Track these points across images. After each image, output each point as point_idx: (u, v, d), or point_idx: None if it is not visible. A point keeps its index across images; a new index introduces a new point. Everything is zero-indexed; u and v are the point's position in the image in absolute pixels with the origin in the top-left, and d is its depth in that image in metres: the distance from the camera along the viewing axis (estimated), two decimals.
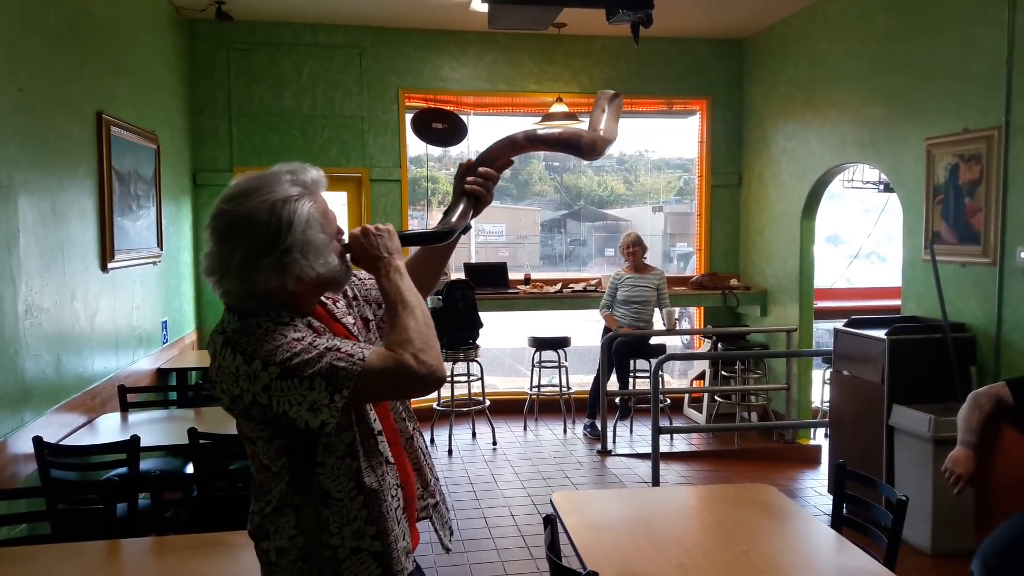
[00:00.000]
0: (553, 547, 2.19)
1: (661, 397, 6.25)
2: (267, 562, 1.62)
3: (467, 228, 1.84)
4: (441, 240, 1.80)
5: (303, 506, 1.58)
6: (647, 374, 6.49)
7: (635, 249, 6.55)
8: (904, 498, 2.46)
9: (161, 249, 5.38)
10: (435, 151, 7.64)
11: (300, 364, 1.46)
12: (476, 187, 1.81)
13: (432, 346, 1.53)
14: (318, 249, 1.55)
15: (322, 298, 1.70)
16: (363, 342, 1.69)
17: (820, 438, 6.30)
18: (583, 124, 6.65)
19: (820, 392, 6.82)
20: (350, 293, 1.82)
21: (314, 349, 1.48)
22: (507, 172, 1.91)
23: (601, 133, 1.87)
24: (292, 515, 1.58)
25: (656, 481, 5.09)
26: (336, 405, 1.46)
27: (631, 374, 6.72)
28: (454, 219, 1.79)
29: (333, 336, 1.57)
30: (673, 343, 7.83)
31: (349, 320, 1.75)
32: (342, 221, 1.87)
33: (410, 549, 1.68)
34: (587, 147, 1.85)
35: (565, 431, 6.69)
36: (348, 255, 1.66)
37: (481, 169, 1.83)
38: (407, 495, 1.72)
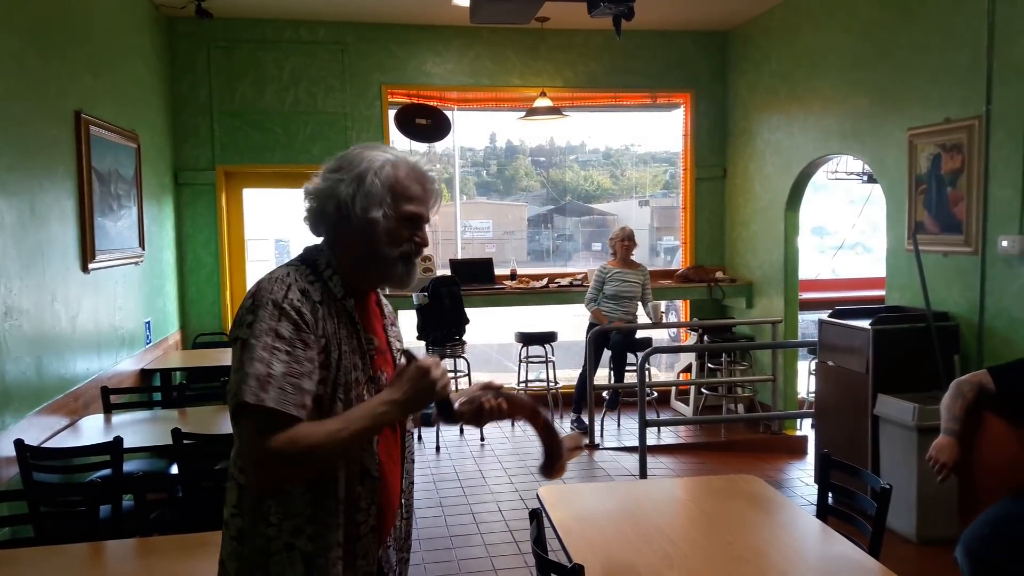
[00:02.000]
0: (539, 541, 2.19)
1: (648, 390, 6.26)
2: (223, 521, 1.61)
3: (429, 421, 1.78)
4: (446, 414, 1.71)
5: (246, 487, 1.54)
6: (634, 368, 6.50)
7: (628, 243, 6.56)
8: (888, 486, 2.47)
9: (143, 249, 5.34)
10: (419, 147, 7.61)
11: (251, 348, 1.46)
12: (491, 403, 1.74)
13: (291, 473, 1.49)
14: (368, 193, 1.59)
15: (383, 315, 1.75)
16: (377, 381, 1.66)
17: (806, 428, 6.33)
18: (567, 119, 6.54)
19: (806, 383, 6.85)
20: (399, 346, 1.81)
21: (270, 351, 1.46)
22: (494, 168, 1.94)
23: (563, 468, 1.93)
24: (235, 492, 1.56)
25: (643, 474, 5.10)
26: (230, 403, 1.46)
27: (625, 368, 6.72)
28: (460, 409, 1.72)
29: (307, 362, 1.50)
30: (659, 336, 7.85)
31: (389, 333, 1.78)
32: None
33: (371, 571, 1.62)
34: (557, 470, 1.91)
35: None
36: (410, 266, 1.67)
37: (502, 398, 1.77)
38: (384, 522, 1.66)
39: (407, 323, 6.35)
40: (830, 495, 2.77)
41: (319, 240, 1.68)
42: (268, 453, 1.43)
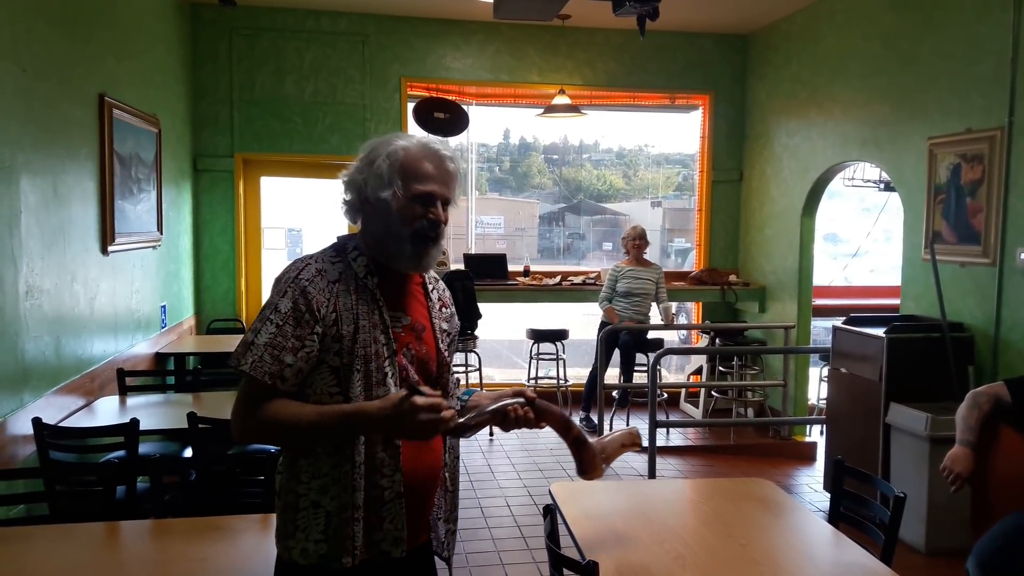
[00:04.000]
0: (552, 536, 2.20)
1: (658, 391, 6.26)
2: None
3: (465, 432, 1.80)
4: (458, 433, 1.75)
5: (284, 449, 1.74)
6: (645, 368, 6.50)
7: (640, 242, 6.56)
8: (902, 495, 2.46)
9: (161, 233, 5.37)
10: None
11: (259, 318, 1.66)
12: (517, 411, 1.76)
13: (249, 439, 1.74)
14: (382, 175, 1.70)
15: (427, 298, 1.86)
16: (441, 341, 1.86)
17: (815, 435, 6.32)
18: (583, 117, 6.54)
19: (816, 389, 6.84)
20: (446, 328, 1.91)
21: (261, 323, 1.64)
22: (507, 164, 2.00)
23: (604, 457, 2.03)
24: (286, 453, 1.75)
25: (652, 474, 5.10)
26: (235, 362, 1.65)
27: (634, 367, 6.72)
28: (481, 416, 1.73)
29: (303, 338, 1.65)
30: (670, 338, 7.84)
31: (435, 311, 1.87)
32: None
33: (400, 536, 1.69)
34: (588, 469, 2.00)
35: None
36: (422, 247, 1.73)
37: (529, 406, 1.79)
38: (419, 491, 1.74)
39: None
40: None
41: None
42: (237, 413, 1.66)
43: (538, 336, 6.84)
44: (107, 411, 3.81)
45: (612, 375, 6.71)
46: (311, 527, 1.67)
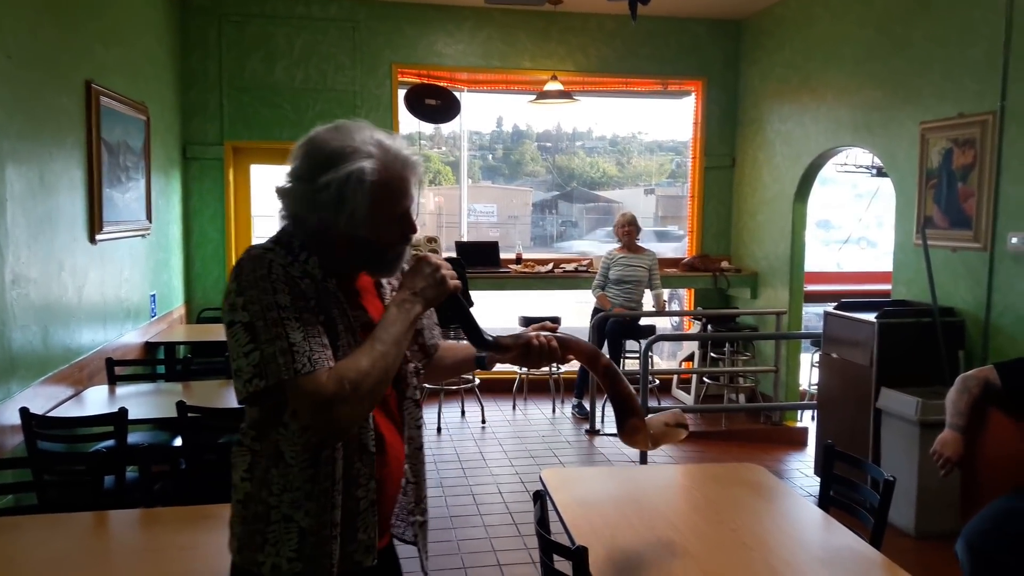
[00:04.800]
0: (542, 522, 2.19)
1: (650, 378, 6.26)
2: (232, 484, 1.63)
3: (483, 362, 1.82)
4: (475, 338, 1.70)
5: (258, 455, 1.56)
6: (637, 355, 6.51)
7: (630, 229, 6.54)
8: (892, 478, 2.47)
9: (150, 222, 5.33)
10: (428, 128, 7.60)
11: (260, 328, 1.44)
12: (540, 339, 1.74)
13: (363, 403, 1.47)
14: (355, 208, 1.50)
15: (379, 290, 1.70)
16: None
17: (807, 420, 6.34)
18: (576, 104, 6.54)
19: (808, 375, 6.85)
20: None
21: (279, 326, 1.44)
22: (500, 152, 1.90)
23: (651, 433, 1.89)
24: (248, 457, 1.58)
25: (644, 460, 5.11)
26: (249, 388, 1.44)
27: (622, 355, 6.73)
28: (501, 339, 1.71)
29: (316, 324, 1.49)
30: (663, 324, 7.85)
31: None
32: None
33: (372, 544, 1.62)
34: (630, 428, 1.88)
35: (554, 410, 6.71)
36: (400, 255, 1.62)
37: (555, 337, 1.76)
38: (386, 494, 1.66)
39: None
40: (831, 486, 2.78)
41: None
42: (329, 404, 1.42)
43: (530, 323, 6.79)
44: (96, 401, 3.80)
45: (631, 388, 6.70)
46: (282, 543, 1.54)
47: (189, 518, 2.41)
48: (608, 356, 6.35)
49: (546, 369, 6.99)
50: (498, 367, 1.92)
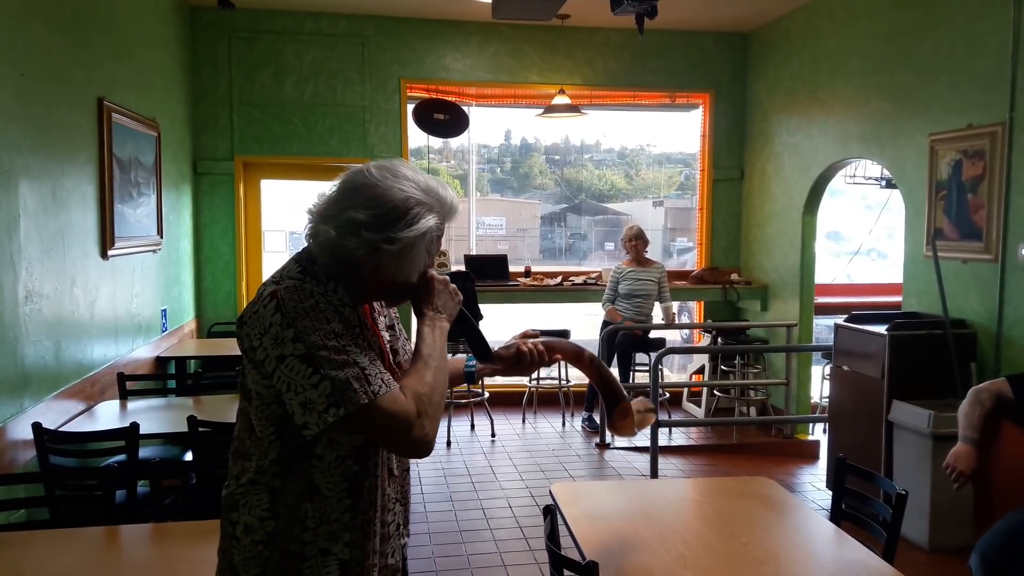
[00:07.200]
0: (552, 537, 2.19)
1: (660, 391, 6.25)
2: (230, 534, 1.56)
3: (473, 377, 1.89)
4: (481, 352, 1.75)
5: (283, 491, 1.52)
6: (647, 368, 6.49)
7: (637, 243, 6.53)
8: (904, 492, 2.45)
9: (161, 237, 5.36)
10: (436, 142, 7.62)
11: (323, 358, 1.42)
12: (530, 346, 1.82)
13: (437, 416, 1.51)
14: (412, 260, 1.53)
15: (373, 315, 1.69)
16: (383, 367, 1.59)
17: (818, 433, 6.30)
18: (583, 117, 6.55)
19: (819, 388, 6.82)
20: (394, 326, 1.76)
21: (344, 353, 1.44)
22: (508, 165, 1.95)
23: (636, 418, 2.03)
24: (266, 496, 1.53)
25: (654, 474, 5.09)
26: (326, 418, 1.42)
27: (632, 368, 6.71)
28: (497, 352, 1.79)
29: (369, 350, 1.51)
30: (672, 337, 7.82)
31: (385, 336, 1.69)
32: None
33: (398, 569, 1.64)
34: (621, 411, 2.01)
35: (564, 424, 6.69)
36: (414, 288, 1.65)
37: (540, 341, 1.84)
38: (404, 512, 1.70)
39: None
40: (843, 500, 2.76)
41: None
42: (416, 421, 1.46)
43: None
44: (107, 415, 3.81)
45: (614, 375, 6.69)
46: None
47: (200, 533, 2.41)
48: (618, 370, 6.25)
49: (555, 382, 6.98)
50: (508, 380, 1.97)
